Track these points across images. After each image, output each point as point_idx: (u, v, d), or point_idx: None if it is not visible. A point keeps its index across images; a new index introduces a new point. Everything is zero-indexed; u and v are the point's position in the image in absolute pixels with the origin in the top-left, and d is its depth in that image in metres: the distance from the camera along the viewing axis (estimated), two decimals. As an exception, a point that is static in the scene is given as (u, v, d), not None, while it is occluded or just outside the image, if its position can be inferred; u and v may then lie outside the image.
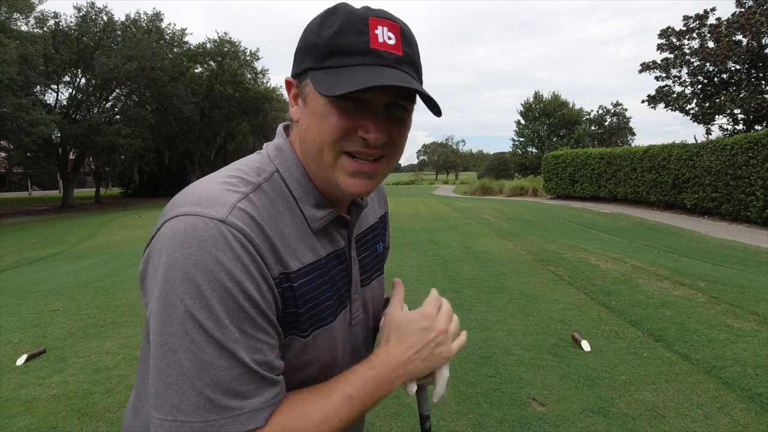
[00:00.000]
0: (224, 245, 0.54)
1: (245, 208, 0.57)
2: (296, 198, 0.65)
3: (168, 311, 0.53)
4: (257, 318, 0.55)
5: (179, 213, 0.56)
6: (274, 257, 0.59)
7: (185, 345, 0.52)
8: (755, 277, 5.66)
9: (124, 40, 24.05)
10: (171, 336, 0.52)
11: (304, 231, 0.64)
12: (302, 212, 0.65)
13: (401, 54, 0.60)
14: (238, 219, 0.56)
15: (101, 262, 7.69)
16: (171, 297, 0.53)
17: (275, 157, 0.67)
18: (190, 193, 0.59)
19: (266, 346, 0.56)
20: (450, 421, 2.50)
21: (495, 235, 8.99)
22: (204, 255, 0.53)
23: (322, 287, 0.65)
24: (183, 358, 0.52)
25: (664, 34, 21.60)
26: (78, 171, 26.68)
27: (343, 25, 0.58)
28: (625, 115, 46.98)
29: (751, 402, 2.60)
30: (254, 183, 0.62)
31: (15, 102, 17.21)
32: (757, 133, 11.28)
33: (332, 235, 0.69)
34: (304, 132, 0.63)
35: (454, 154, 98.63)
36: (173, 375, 0.52)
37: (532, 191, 23.49)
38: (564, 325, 3.89)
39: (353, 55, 0.58)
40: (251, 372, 0.54)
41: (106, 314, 4.55)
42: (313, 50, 0.60)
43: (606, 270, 5.70)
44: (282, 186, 0.64)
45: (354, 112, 0.60)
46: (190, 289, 0.52)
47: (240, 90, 30.07)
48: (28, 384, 3.06)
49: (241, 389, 0.54)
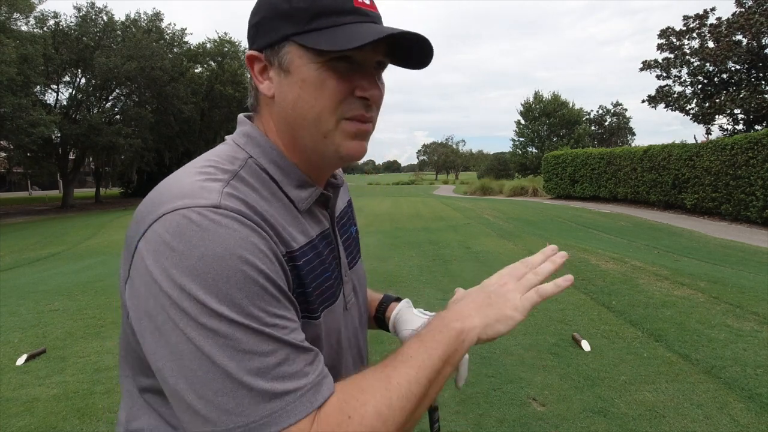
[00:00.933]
0: (227, 230, 0.50)
1: (233, 193, 0.54)
2: (277, 181, 0.62)
3: (186, 317, 0.48)
4: (280, 297, 0.52)
5: (165, 211, 0.51)
6: (276, 237, 0.56)
7: (219, 344, 0.47)
8: (755, 277, 5.66)
9: (124, 40, 24.05)
10: (199, 341, 0.47)
11: (291, 213, 0.62)
12: (286, 195, 0.62)
13: (377, 12, 0.61)
14: (230, 202, 0.53)
15: (101, 262, 7.69)
16: (184, 301, 0.48)
17: (245, 144, 0.63)
18: (167, 190, 0.54)
19: (294, 323, 0.53)
20: (450, 421, 2.50)
21: (495, 235, 8.99)
22: (208, 245, 0.49)
23: (322, 267, 0.63)
24: (221, 357, 0.47)
25: (664, 34, 21.61)
26: (78, 171, 26.69)
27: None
28: (625, 115, 47.03)
29: (751, 402, 2.60)
30: (231, 171, 0.58)
31: (15, 102, 17.20)
32: (757, 133, 11.28)
33: (317, 216, 0.67)
34: (293, 104, 0.59)
35: (454, 154, 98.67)
36: (217, 380, 0.47)
37: (532, 191, 23.49)
38: (564, 325, 3.89)
39: (341, 15, 0.57)
40: (295, 348, 0.51)
41: (106, 314, 4.55)
42: (292, 16, 0.57)
43: (606, 270, 5.70)
44: (259, 171, 0.61)
45: (350, 74, 0.58)
46: (205, 284, 0.48)
47: (240, 90, 30.05)
48: (28, 384, 3.06)
49: (294, 369, 0.50)
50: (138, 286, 0.51)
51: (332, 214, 0.71)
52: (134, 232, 0.54)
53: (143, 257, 0.51)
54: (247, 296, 0.49)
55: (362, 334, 0.79)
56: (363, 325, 0.80)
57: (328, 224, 0.69)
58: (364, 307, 0.81)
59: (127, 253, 0.55)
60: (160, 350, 0.49)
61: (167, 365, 0.49)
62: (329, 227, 0.69)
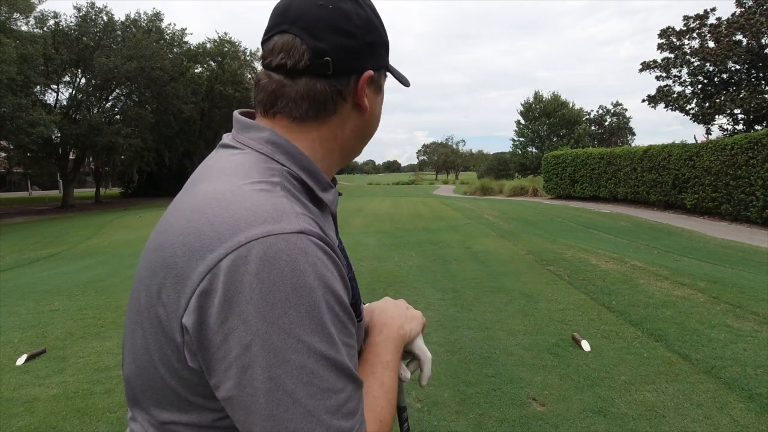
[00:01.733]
0: (314, 258, 0.49)
1: (303, 212, 0.53)
2: (311, 187, 0.62)
3: (274, 352, 0.47)
4: (349, 324, 0.53)
5: (247, 239, 0.48)
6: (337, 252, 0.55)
7: (303, 380, 0.47)
8: (755, 277, 5.66)
9: (124, 40, 24.07)
10: (284, 377, 0.47)
11: (326, 217, 0.63)
12: (320, 200, 0.63)
13: None
14: (309, 224, 0.52)
15: (101, 262, 7.69)
16: (274, 335, 0.47)
17: (272, 153, 0.61)
18: (231, 207, 0.52)
19: (355, 351, 0.55)
20: (450, 421, 2.50)
21: (495, 235, 8.99)
22: (300, 275, 0.48)
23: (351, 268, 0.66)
24: (303, 395, 0.47)
25: (665, 34, 21.62)
26: (78, 171, 26.70)
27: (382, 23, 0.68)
28: (625, 115, 47.04)
29: (751, 402, 2.60)
30: (277, 182, 0.57)
31: (14, 102, 17.20)
32: (757, 133, 11.28)
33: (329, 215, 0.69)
34: (376, 118, 0.70)
35: (454, 154, 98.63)
36: (297, 419, 0.47)
37: (532, 191, 23.50)
38: (564, 325, 3.89)
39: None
40: (357, 383, 0.53)
41: (106, 314, 4.55)
42: (387, 48, 0.69)
43: (606, 270, 5.70)
44: (293, 180, 0.60)
45: None
46: (298, 317, 0.47)
47: (240, 90, 30.06)
48: (28, 384, 3.06)
49: (354, 406, 0.52)
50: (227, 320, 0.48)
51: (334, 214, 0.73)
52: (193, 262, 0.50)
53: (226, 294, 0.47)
54: (333, 325, 0.50)
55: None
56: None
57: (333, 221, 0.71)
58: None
59: (178, 283, 0.51)
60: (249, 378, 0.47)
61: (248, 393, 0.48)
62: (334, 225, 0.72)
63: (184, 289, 0.50)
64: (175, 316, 0.51)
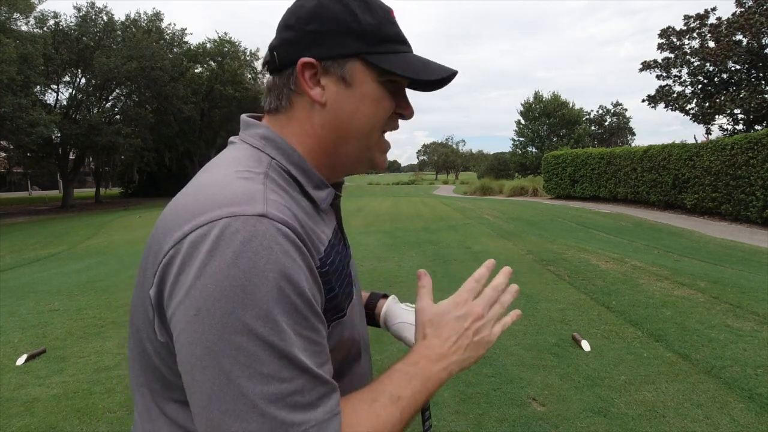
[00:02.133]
0: (272, 242, 0.49)
1: (276, 199, 0.54)
2: (300, 182, 0.62)
3: (214, 328, 0.47)
4: (312, 318, 0.52)
5: (206, 220, 0.50)
6: (310, 243, 0.55)
7: (241, 362, 0.46)
8: (755, 277, 5.66)
9: (124, 40, 24.06)
10: (221, 355, 0.46)
11: (315, 212, 0.63)
12: (308, 195, 0.63)
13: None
14: (278, 210, 0.52)
15: (101, 262, 7.69)
16: (216, 312, 0.47)
17: (264, 147, 0.63)
18: (207, 194, 0.53)
19: (321, 348, 0.53)
20: (450, 421, 2.50)
21: (495, 235, 8.99)
22: (251, 257, 0.48)
23: (341, 264, 0.65)
24: (239, 376, 0.46)
25: (665, 34, 21.62)
26: (78, 171, 26.70)
27: (381, 16, 0.63)
28: (625, 115, 47.04)
29: (751, 402, 2.60)
30: (261, 171, 0.58)
31: (14, 102, 17.19)
32: (757, 133, 11.28)
33: (330, 214, 0.69)
34: (350, 114, 0.63)
35: (454, 154, 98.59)
36: (228, 399, 0.46)
37: (532, 191, 23.49)
38: (564, 325, 3.89)
39: (399, 44, 0.64)
40: (314, 379, 0.50)
41: (106, 314, 4.55)
42: (363, 36, 0.61)
43: (606, 270, 5.70)
44: (282, 172, 0.61)
45: (394, 94, 0.66)
46: (243, 297, 0.47)
47: (240, 90, 30.06)
48: (28, 384, 3.06)
49: (306, 400, 0.49)
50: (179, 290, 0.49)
51: (338, 210, 0.73)
52: (166, 239, 0.52)
53: (185, 262, 0.49)
54: (282, 313, 0.48)
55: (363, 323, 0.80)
56: (363, 316, 0.81)
57: (335, 222, 0.71)
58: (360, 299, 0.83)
59: (153, 259, 0.53)
60: (191, 353, 0.48)
61: (192, 369, 0.48)
62: (337, 223, 0.71)
63: (155, 264, 0.52)
64: (147, 291, 0.54)
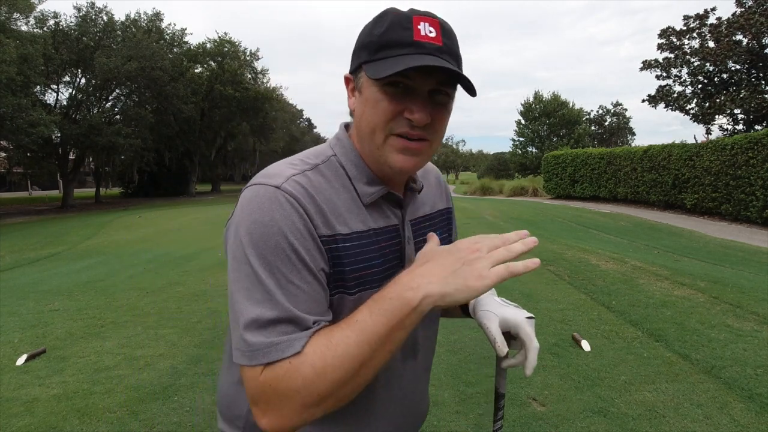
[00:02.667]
0: (277, 205, 0.65)
1: (299, 180, 0.69)
2: (350, 176, 0.74)
3: (234, 258, 0.66)
4: (301, 268, 0.64)
5: (250, 184, 0.70)
6: (322, 220, 0.68)
7: (242, 286, 0.64)
8: (755, 277, 5.66)
9: (124, 40, 24.03)
10: (235, 279, 0.65)
11: (356, 204, 0.73)
12: (355, 188, 0.74)
13: (441, 44, 0.69)
14: (291, 186, 0.67)
15: (101, 262, 7.69)
16: (237, 247, 0.65)
17: (334, 145, 0.78)
18: (262, 171, 0.72)
19: (306, 295, 0.64)
20: (450, 421, 2.50)
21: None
22: (261, 213, 0.65)
23: (369, 254, 0.72)
24: (238, 298, 0.64)
25: (665, 34, 21.61)
26: (78, 171, 26.66)
27: (391, 24, 0.68)
28: (625, 115, 47.00)
29: (751, 402, 2.60)
30: (312, 164, 0.73)
31: (14, 102, 17.17)
32: (757, 133, 11.27)
33: (385, 212, 0.77)
34: (359, 118, 0.73)
35: (454, 154, 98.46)
36: (233, 312, 0.65)
37: (532, 191, 23.48)
38: (564, 325, 3.89)
39: (401, 47, 0.68)
40: (290, 314, 0.62)
41: (106, 314, 4.55)
42: (367, 47, 0.70)
43: (606, 270, 5.70)
44: (338, 167, 0.75)
45: (401, 97, 0.69)
46: (250, 240, 0.64)
47: (240, 90, 30.07)
48: (28, 384, 3.06)
49: (282, 328, 0.61)
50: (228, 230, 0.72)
51: (404, 214, 0.79)
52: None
53: (234, 213, 0.70)
54: (275, 258, 0.63)
55: (422, 331, 0.83)
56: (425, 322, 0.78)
57: (398, 221, 0.78)
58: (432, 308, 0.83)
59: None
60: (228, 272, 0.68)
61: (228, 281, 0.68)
62: (398, 224, 0.78)
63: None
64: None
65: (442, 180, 0.97)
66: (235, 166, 44.78)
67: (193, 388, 2.93)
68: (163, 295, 5.22)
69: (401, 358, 0.78)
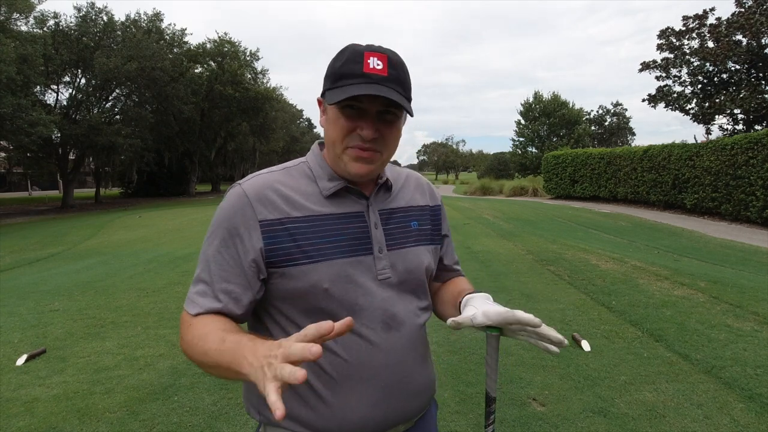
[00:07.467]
0: (235, 197, 0.88)
1: (259, 180, 0.91)
2: (315, 175, 0.94)
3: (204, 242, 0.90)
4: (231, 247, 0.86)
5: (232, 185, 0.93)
6: (271, 208, 0.87)
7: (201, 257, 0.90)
8: (755, 277, 5.66)
9: (124, 40, 23.99)
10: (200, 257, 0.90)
11: (317, 196, 0.91)
12: (317, 184, 0.92)
13: (386, 75, 0.84)
14: (248, 184, 0.90)
15: (101, 262, 7.69)
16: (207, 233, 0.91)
17: (308, 156, 0.99)
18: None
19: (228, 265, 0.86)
20: (450, 421, 2.50)
21: (495, 235, 8.98)
22: (223, 203, 0.89)
23: (329, 231, 0.88)
24: (198, 272, 0.89)
25: (664, 34, 21.60)
26: (78, 171, 26.62)
27: (347, 59, 0.85)
28: (625, 115, 47.02)
29: (751, 402, 2.60)
30: (284, 167, 0.96)
31: (14, 102, 17.14)
32: (757, 133, 11.28)
33: (349, 201, 0.93)
34: (325, 133, 0.91)
35: (454, 154, 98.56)
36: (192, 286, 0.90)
37: (532, 191, 23.49)
38: (564, 325, 3.89)
39: (352, 78, 0.83)
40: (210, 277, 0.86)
41: (106, 314, 4.55)
42: (330, 77, 0.87)
43: (606, 270, 5.70)
44: (306, 169, 0.95)
45: (355, 118, 0.86)
46: (213, 221, 0.89)
47: (240, 90, 30.04)
48: (28, 384, 3.06)
49: (201, 287, 0.87)
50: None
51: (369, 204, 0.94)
52: None
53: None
54: (216, 234, 0.88)
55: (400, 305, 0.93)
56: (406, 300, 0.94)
57: (362, 209, 0.93)
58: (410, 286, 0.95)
59: None
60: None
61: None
62: (362, 210, 0.93)
63: None
64: None
65: (424, 183, 1.11)
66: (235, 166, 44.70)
67: (193, 388, 2.93)
68: (163, 295, 5.22)
69: (382, 329, 0.89)
